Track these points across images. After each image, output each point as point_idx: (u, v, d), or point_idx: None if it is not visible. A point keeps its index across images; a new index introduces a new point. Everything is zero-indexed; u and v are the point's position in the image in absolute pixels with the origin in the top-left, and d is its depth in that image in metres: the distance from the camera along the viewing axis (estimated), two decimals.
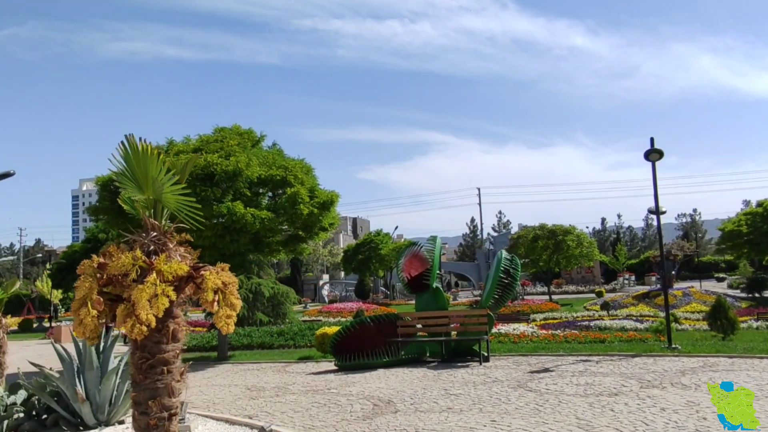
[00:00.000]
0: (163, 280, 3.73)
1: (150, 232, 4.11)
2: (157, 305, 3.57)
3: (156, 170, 4.09)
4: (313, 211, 16.35)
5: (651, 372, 10.21)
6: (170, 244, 4.11)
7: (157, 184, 4.06)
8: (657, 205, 13.30)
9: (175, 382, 3.88)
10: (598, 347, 13.81)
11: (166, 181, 4.11)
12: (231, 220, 15.29)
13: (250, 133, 18.38)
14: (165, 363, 3.82)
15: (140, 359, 3.83)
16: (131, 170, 4.12)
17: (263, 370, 13.68)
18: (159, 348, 3.83)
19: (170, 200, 4.22)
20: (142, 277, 3.74)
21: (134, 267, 3.73)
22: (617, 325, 22.15)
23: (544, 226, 40.43)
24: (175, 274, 3.75)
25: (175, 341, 3.92)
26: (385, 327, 13.43)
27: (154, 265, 3.79)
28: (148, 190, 4.12)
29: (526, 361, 12.28)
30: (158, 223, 4.13)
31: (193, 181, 15.12)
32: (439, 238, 14.17)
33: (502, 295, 13.09)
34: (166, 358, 3.84)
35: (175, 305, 3.94)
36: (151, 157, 4.06)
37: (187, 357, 18.44)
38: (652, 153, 12.84)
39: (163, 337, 3.84)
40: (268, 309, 27.45)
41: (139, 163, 4.06)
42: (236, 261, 16.83)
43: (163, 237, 4.09)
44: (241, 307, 15.76)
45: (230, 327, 3.91)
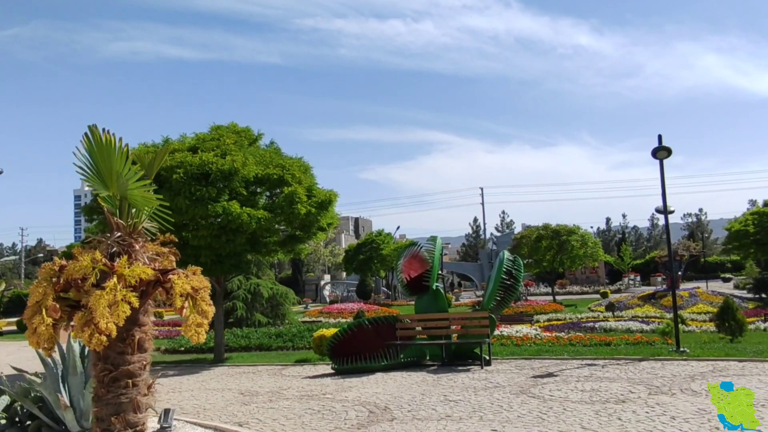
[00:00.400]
0: (126, 284, 3.37)
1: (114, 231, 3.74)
2: (117, 313, 3.21)
3: (120, 164, 3.72)
4: (310, 210, 15.98)
5: (659, 377, 9.82)
6: (137, 245, 3.74)
7: (122, 179, 3.70)
8: (665, 204, 12.90)
9: (141, 397, 3.52)
10: (604, 350, 13.42)
11: (131, 177, 3.74)
12: (227, 220, 14.94)
13: (247, 131, 18.02)
14: (130, 375, 3.46)
15: (102, 371, 3.47)
16: (96, 165, 3.75)
17: (259, 374, 13.33)
18: (123, 359, 3.47)
19: (136, 197, 3.85)
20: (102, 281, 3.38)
21: (94, 270, 3.37)
22: (623, 326, 21.76)
23: (547, 226, 40.01)
24: (138, 279, 3.39)
25: (141, 351, 3.55)
26: (384, 329, 13.06)
27: (116, 269, 3.43)
28: (112, 186, 3.75)
29: (529, 365, 11.89)
30: (124, 222, 3.76)
31: (188, 180, 14.79)
32: (439, 238, 13.79)
33: (504, 297, 12.69)
34: (131, 370, 3.48)
35: (141, 312, 3.59)
36: (114, 150, 3.69)
37: (183, 359, 18.10)
38: (660, 150, 12.43)
39: (127, 347, 3.47)
40: (267, 310, 27.18)
41: (103, 157, 3.69)
42: (233, 261, 16.48)
43: (128, 237, 3.72)
44: (240, 308, 15.47)
45: (200, 336, 3.54)
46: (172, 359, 18.42)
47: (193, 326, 3.48)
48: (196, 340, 3.52)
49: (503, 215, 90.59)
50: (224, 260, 16.44)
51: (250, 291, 26.39)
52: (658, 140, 12.61)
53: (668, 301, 30.13)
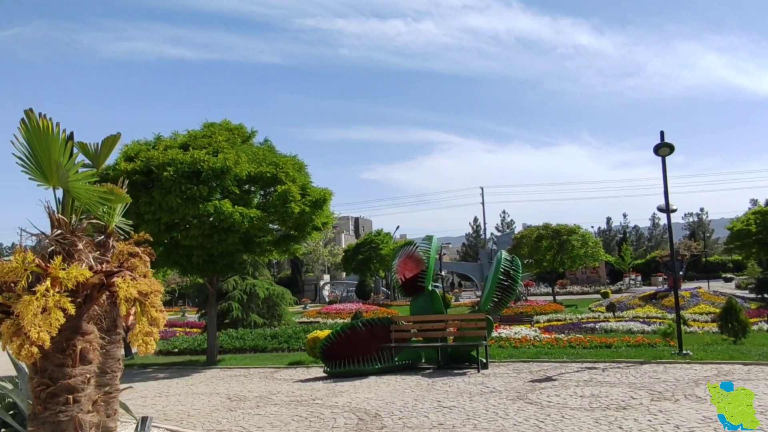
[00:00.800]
0: (63, 288, 3.00)
1: (54, 229, 3.37)
2: (50, 321, 2.84)
3: (60, 153, 3.35)
4: (304, 209, 15.62)
5: (662, 382, 9.44)
6: (80, 244, 3.37)
7: (62, 170, 3.32)
8: (667, 203, 12.51)
9: (84, 414, 3.15)
10: (604, 353, 13.04)
11: (71, 167, 3.36)
12: (218, 219, 14.58)
13: (240, 128, 17.66)
14: (70, 390, 3.09)
15: (39, 386, 3.09)
16: (34, 154, 3.37)
17: (250, 377, 12.96)
18: (62, 372, 3.09)
19: (79, 191, 3.47)
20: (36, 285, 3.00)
21: (25, 273, 3.00)
22: (623, 327, 21.42)
23: (548, 225, 39.63)
24: (77, 282, 3.02)
25: (84, 363, 3.17)
26: (379, 331, 12.70)
27: (50, 271, 3.05)
28: (52, 177, 3.38)
29: (527, 369, 11.51)
30: (65, 219, 3.39)
31: (178, 179, 14.43)
32: (435, 237, 13.42)
33: (501, 298, 12.30)
34: (72, 385, 3.10)
35: (85, 319, 3.22)
36: (53, 137, 3.31)
37: (176, 361, 17.75)
38: (662, 147, 12.05)
39: (67, 359, 3.10)
40: (263, 310, 26.80)
41: (42, 146, 3.31)
42: (225, 262, 16.12)
43: (70, 235, 3.35)
44: (235, 309, 15.07)
45: (149, 347, 3.16)
46: (165, 361, 18.07)
47: (140, 335, 3.11)
48: (144, 351, 3.14)
49: (504, 215, 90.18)
50: (217, 260, 16.09)
51: (246, 291, 26.02)
52: (660, 137, 12.23)
53: (669, 302, 29.74)
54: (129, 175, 15.08)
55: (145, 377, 14.38)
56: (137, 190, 15.04)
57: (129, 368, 16.73)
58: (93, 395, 3.27)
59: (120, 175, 15.02)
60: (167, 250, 15.92)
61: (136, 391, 12.01)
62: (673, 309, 29.01)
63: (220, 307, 25.67)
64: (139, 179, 15.07)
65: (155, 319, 3.16)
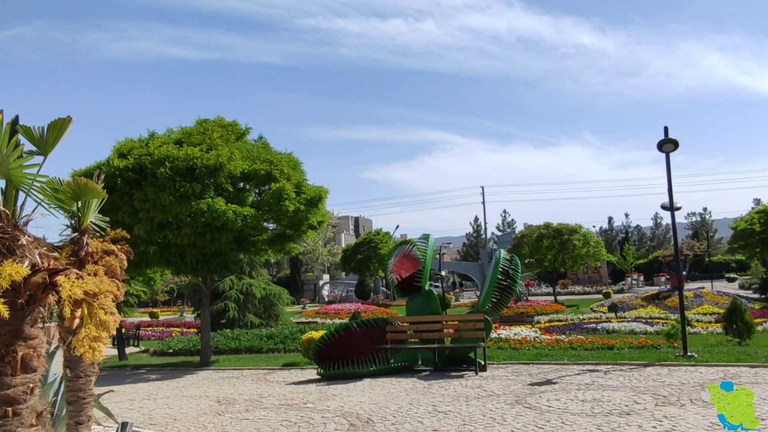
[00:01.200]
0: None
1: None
2: None
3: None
4: (299, 207, 15.29)
5: (666, 385, 9.10)
6: (22, 239, 3.03)
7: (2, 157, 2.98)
8: (671, 200, 12.16)
9: (26, 429, 2.81)
10: (607, 355, 12.68)
11: (11, 153, 3.02)
12: (211, 217, 14.24)
13: (234, 125, 17.32)
14: (9, 402, 2.74)
15: None
16: None
17: (242, 379, 12.63)
18: (0, 381, 2.77)
19: (19, 178, 3.13)
20: None
21: None
22: (626, 328, 21.09)
23: (549, 225, 39.25)
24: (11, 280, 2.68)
25: (26, 372, 2.83)
26: (374, 332, 12.35)
27: None
28: None
29: (526, 371, 11.17)
30: (6, 211, 3.05)
31: (172, 176, 14.09)
32: (432, 236, 13.08)
33: (500, 298, 11.94)
34: (12, 396, 2.76)
35: (27, 323, 2.89)
36: None
37: (170, 362, 17.43)
38: (666, 143, 11.70)
39: (6, 367, 2.76)
40: (260, 310, 26.48)
41: None
42: (218, 260, 15.78)
43: (11, 230, 3.01)
44: (232, 309, 14.72)
45: (97, 353, 2.82)
46: (158, 362, 17.75)
47: (86, 340, 2.76)
48: (91, 358, 2.80)
49: (505, 214, 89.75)
50: (210, 260, 15.75)
51: (243, 291, 25.71)
52: (664, 132, 11.88)
53: (672, 302, 29.36)
54: (122, 173, 14.78)
55: (136, 379, 14.05)
56: (130, 188, 14.73)
57: (122, 369, 16.42)
58: (37, 406, 2.93)
59: (113, 172, 14.72)
60: (160, 249, 15.60)
61: (125, 393, 11.69)
62: (676, 309, 28.76)
63: (215, 308, 25.37)
64: (131, 176, 14.75)
65: (104, 322, 2.82)
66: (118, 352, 18.74)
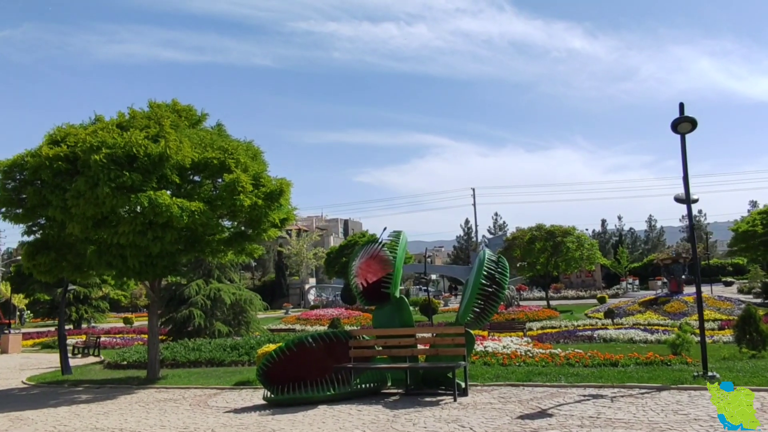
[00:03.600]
0: None
1: None
2: None
3: None
4: (257, 202, 13.31)
5: (693, 420, 7.16)
6: None
7: None
8: (687, 190, 10.22)
9: None
10: (611, 374, 10.72)
11: None
12: (153, 213, 12.24)
13: (188, 110, 15.35)
14: None
15: None
16: None
17: (179, 403, 10.62)
18: None
19: None
20: None
21: None
22: (624, 335, 19.30)
23: (541, 226, 37.35)
24: None
25: None
26: (336, 348, 10.35)
27: None
28: None
29: (516, 396, 9.21)
30: None
31: (107, 165, 12.07)
32: (404, 232, 11.09)
33: (484, 307, 9.92)
34: None
35: None
36: None
37: (115, 377, 15.37)
38: (682, 122, 9.80)
39: None
40: (230, 317, 24.39)
41: None
42: (165, 263, 13.74)
43: None
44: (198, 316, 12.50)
45: None
46: (103, 377, 15.69)
47: None
48: None
49: (496, 217, 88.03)
50: (156, 262, 13.70)
51: (210, 297, 23.65)
52: (680, 109, 9.97)
53: (672, 307, 27.64)
54: (51, 162, 12.79)
55: (62, 400, 12.00)
56: (62, 180, 12.74)
57: (57, 387, 14.39)
58: None
59: (42, 162, 12.73)
60: (100, 249, 13.56)
61: (32, 422, 9.68)
62: (676, 315, 26.98)
63: (180, 315, 23.33)
64: (63, 167, 12.75)
65: None
66: (62, 364, 16.67)
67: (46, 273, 14.78)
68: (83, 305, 39.43)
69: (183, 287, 23.91)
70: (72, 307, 38.58)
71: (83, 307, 39.40)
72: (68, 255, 14.45)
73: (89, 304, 39.88)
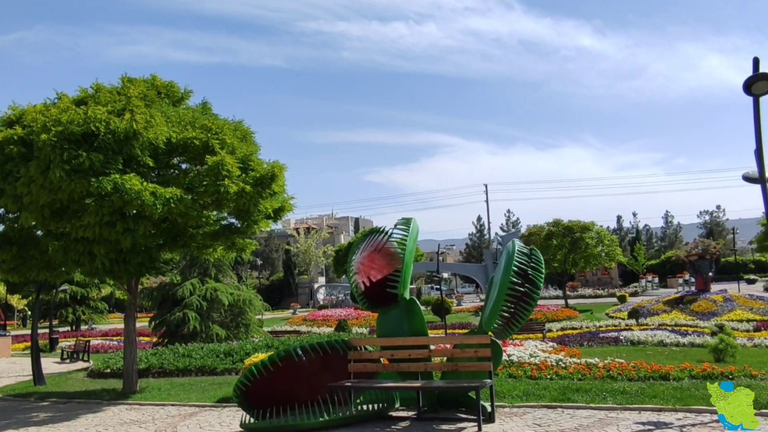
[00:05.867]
0: None
1: None
2: None
3: None
4: (245, 188, 11.50)
5: None
6: None
7: None
8: (761, 165, 8.32)
9: None
10: (665, 391, 8.83)
11: None
12: (122, 201, 10.47)
13: (170, 86, 13.54)
14: None
15: None
16: None
17: (149, 425, 8.85)
18: None
19: None
20: None
21: None
22: (652, 337, 17.50)
23: (558, 221, 35.41)
24: None
25: None
26: (332, 362, 8.52)
27: None
28: None
29: (555, 423, 7.36)
30: None
31: (58, 144, 10.31)
32: (415, 220, 9.19)
33: (515, 312, 8.04)
34: None
35: None
36: None
37: (89, 389, 13.63)
38: (758, 81, 7.90)
39: None
40: (227, 320, 22.62)
41: None
42: (140, 260, 11.96)
43: None
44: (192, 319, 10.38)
45: None
46: (76, 389, 13.97)
47: None
48: None
49: (508, 214, 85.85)
50: (129, 258, 11.92)
51: (206, 297, 21.83)
52: (753, 66, 8.06)
53: (699, 307, 25.73)
54: (3, 146, 11.08)
55: (13, 420, 10.26)
56: (14, 165, 10.99)
57: (21, 401, 12.69)
58: None
59: None
60: (66, 244, 11.79)
61: None
62: (704, 315, 24.96)
63: (173, 317, 21.55)
64: (15, 150, 11.01)
65: None
66: (33, 374, 14.96)
67: (12, 271, 13.12)
68: (80, 306, 37.80)
69: (176, 287, 22.16)
70: (68, 308, 37.00)
71: (80, 308, 37.76)
72: (32, 251, 12.74)
73: (87, 304, 38.25)
